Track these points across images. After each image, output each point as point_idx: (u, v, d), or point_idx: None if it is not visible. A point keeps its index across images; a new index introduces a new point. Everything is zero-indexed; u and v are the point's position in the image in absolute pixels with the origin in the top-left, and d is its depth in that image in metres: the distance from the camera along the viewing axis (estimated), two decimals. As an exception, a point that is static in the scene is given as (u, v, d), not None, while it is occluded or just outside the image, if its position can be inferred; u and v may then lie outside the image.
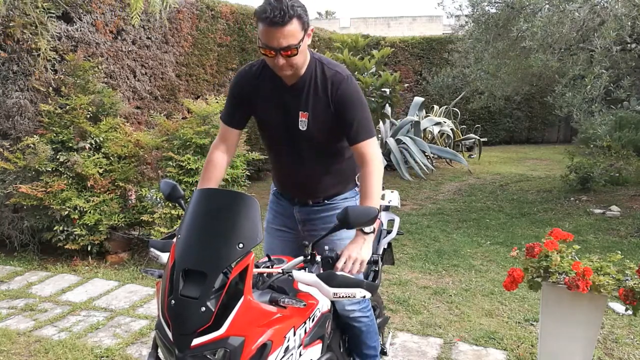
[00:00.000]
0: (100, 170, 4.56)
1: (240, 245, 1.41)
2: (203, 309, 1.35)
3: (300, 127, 1.96)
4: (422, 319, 3.51)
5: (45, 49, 4.31)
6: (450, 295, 3.89)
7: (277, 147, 2.12)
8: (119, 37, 5.65)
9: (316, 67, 1.94)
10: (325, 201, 2.17)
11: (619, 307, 3.56)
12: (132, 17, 4.58)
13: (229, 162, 2.14)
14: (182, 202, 1.87)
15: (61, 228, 4.43)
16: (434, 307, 3.71)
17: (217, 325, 1.36)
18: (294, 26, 1.72)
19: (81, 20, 5.10)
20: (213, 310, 1.36)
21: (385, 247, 2.65)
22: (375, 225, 1.81)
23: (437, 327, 3.39)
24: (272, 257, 1.84)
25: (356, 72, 8.21)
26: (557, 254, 2.49)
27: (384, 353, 2.53)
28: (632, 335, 3.28)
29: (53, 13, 4.51)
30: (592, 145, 7.26)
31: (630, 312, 2.37)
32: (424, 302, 3.76)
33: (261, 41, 1.76)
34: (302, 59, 1.86)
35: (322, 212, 2.17)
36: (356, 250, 1.75)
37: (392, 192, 2.86)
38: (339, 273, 1.54)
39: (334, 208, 2.14)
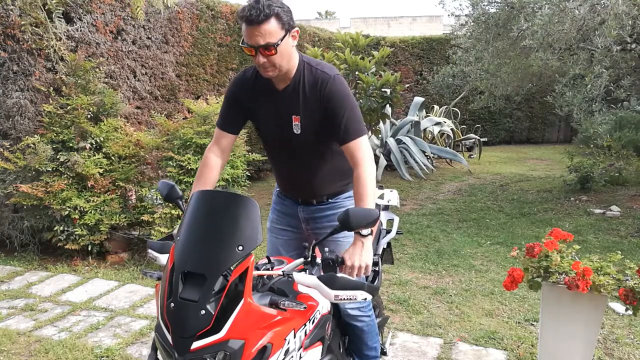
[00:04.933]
0: (101, 170, 4.56)
1: (240, 248, 1.40)
2: (203, 312, 1.34)
3: (295, 131, 1.97)
4: (422, 319, 3.51)
5: (56, 46, 4.32)
6: (450, 295, 3.89)
7: (276, 151, 2.14)
8: (119, 37, 5.65)
9: (304, 69, 1.94)
10: (329, 200, 2.18)
11: (619, 307, 3.56)
12: (137, 13, 4.58)
13: (223, 165, 2.14)
14: (180, 202, 1.86)
15: (61, 228, 4.43)
16: (434, 307, 3.71)
17: (217, 329, 1.35)
18: (271, 25, 1.74)
19: (81, 20, 5.10)
20: (213, 313, 1.35)
21: (385, 246, 2.65)
22: (374, 225, 1.81)
23: (437, 327, 3.39)
24: (271, 259, 1.83)
25: (357, 72, 8.19)
26: (557, 254, 2.49)
27: (384, 353, 2.53)
28: (632, 335, 3.27)
29: (60, 9, 4.51)
30: (592, 145, 7.26)
31: (630, 312, 2.37)
32: (424, 302, 3.76)
33: (244, 40, 1.79)
34: (285, 60, 1.85)
35: (327, 211, 2.18)
36: (358, 257, 1.74)
37: (391, 191, 2.85)
38: (340, 275, 1.52)
39: (339, 206, 2.15)
